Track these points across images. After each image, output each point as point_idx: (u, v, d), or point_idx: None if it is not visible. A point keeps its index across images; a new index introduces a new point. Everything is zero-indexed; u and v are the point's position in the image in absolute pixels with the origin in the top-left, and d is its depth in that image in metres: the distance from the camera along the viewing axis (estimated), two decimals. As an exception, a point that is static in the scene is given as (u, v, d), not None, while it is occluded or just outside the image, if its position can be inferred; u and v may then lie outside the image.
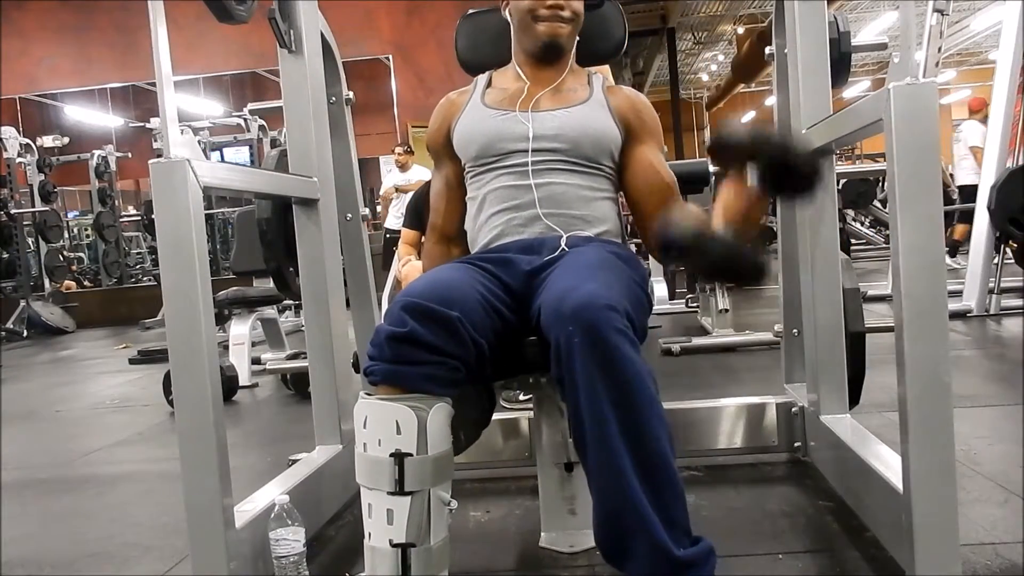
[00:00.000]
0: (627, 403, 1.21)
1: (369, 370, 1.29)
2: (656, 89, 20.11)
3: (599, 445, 1.23)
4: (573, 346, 1.22)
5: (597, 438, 1.23)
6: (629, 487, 1.21)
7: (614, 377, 1.21)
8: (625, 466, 1.21)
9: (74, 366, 5.62)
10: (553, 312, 1.26)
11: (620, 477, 1.22)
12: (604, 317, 1.21)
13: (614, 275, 1.36)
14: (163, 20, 1.35)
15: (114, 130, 10.38)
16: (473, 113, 1.63)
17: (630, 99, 1.65)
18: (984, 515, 1.67)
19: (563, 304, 1.24)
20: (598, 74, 1.70)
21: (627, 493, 1.21)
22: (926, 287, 1.25)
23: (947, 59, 17.45)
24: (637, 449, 1.22)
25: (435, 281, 1.36)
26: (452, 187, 1.69)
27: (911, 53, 1.25)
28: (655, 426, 1.23)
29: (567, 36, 1.61)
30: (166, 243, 1.39)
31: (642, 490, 1.21)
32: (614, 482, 1.22)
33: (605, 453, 1.23)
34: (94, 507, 2.31)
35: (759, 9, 14.28)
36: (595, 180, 1.58)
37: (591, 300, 1.23)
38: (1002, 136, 4.60)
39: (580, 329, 1.21)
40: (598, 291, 1.25)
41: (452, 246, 1.71)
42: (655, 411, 1.24)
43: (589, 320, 1.21)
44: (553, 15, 1.58)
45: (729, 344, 3.94)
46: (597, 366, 1.21)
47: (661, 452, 1.23)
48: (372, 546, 1.26)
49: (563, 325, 1.23)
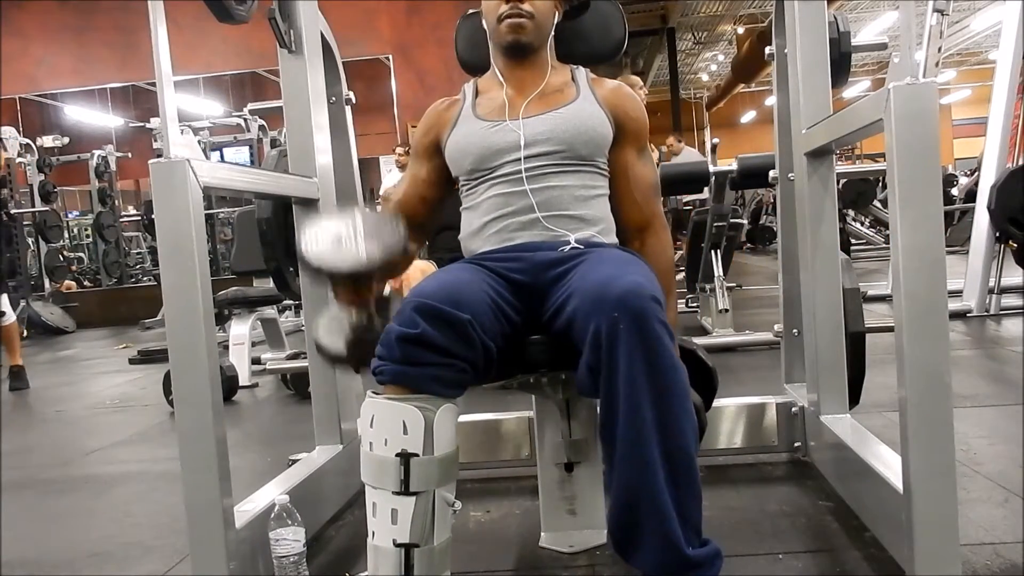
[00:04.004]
0: (664, 395, 1.23)
1: (378, 369, 1.29)
2: (656, 89, 20.11)
3: (631, 431, 1.24)
4: (618, 332, 1.22)
5: (630, 424, 1.23)
6: (654, 477, 1.22)
7: (655, 367, 1.22)
8: (653, 456, 1.22)
9: (74, 366, 5.62)
10: (595, 298, 1.26)
11: (647, 466, 1.23)
12: (650, 307, 1.23)
13: (648, 272, 1.37)
14: (163, 20, 1.35)
15: (114, 130, 10.38)
16: (465, 126, 1.61)
17: (617, 92, 1.63)
18: (984, 515, 1.67)
19: (607, 291, 1.25)
20: (580, 68, 1.69)
21: (651, 481, 1.23)
22: (926, 287, 1.25)
23: (947, 59, 17.46)
24: (666, 441, 1.23)
25: (446, 283, 1.35)
26: (418, 182, 1.68)
27: (911, 53, 1.25)
28: (684, 422, 1.25)
29: (529, 33, 1.58)
30: (166, 243, 1.39)
31: (665, 483, 1.23)
32: (639, 470, 1.23)
33: (635, 440, 1.23)
34: (94, 507, 2.31)
35: (759, 9, 14.28)
36: (590, 178, 1.57)
37: (638, 288, 1.24)
38: (1002, 136, 4.60)
39: (626, 315, 1.22)
40: (642, 282, 1.27)
41: None
42: (687, 407, 1.26)
43: (636, 307, 1.22)
44: (513, 10, 1.56)
45: (729, 344, 3.94)
46: (641, 353, 1.22)
47: (687, 449, 1.25)
48: (375, 545, 1.26)
49: (607, 311, 1.23)
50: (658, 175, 1.66)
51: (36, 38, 8.71)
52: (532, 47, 1.61)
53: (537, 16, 1.58)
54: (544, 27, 1.61)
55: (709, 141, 4.88)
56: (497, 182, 1.56)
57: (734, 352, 3.88)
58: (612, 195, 1.61)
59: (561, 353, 1.41)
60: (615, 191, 1.61)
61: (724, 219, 4.19)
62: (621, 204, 1.61)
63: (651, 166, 1.64)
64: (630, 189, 1.61)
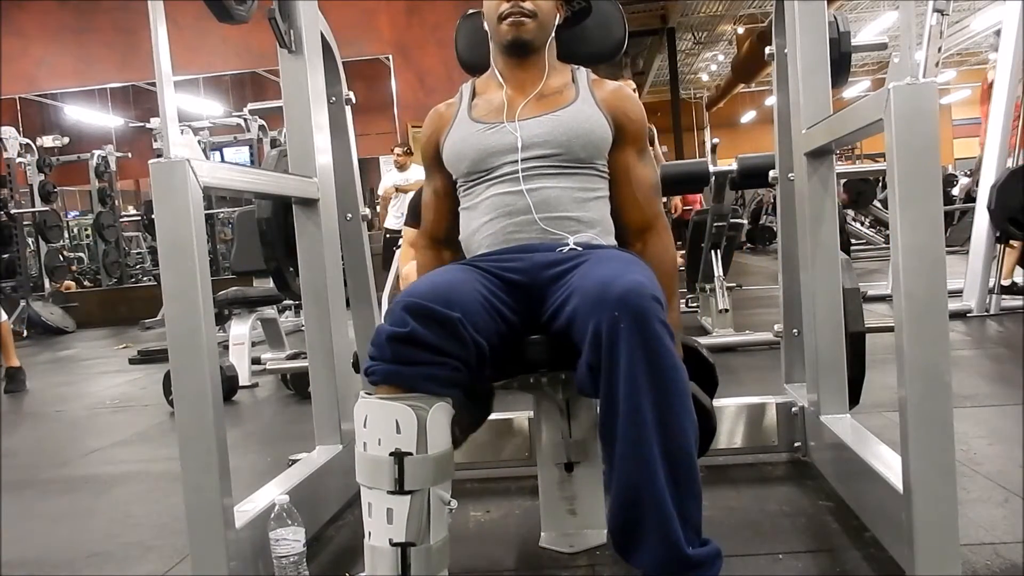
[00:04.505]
0: (664, 394, 1.23)
1: (370, 370, 1.29)
2: (656, 89, 20.13)
3: (631, 431, 1.24)
4: (619, 331, 1.22)
5: (630, 423, 1.24)
6: (654, 476, 1.23)
7: (656, 365, 1.22)
8: (653, 455, 1.23)
9: (74, 366, 5.62)
10: (596, 298, 1.26)
11: (647, 466, 1.23)
12: (650, 307, 1.23)
13: (648, 272, 1.38)
14: (163, 20, 1.35)
15: (114, 130, 10.39)
16: (461, 129, 1.61)
17: (617, 94, 1.63)
18: (984, 515, 1.67)
19: (608, 290, 1.25)
20: (581, 68, 1.69)
21: (651, 482, 1.23)
22: (926, 287, 1.25)
23: (947, 59, 17.45)
24: (666, 441, 1.23)
25: (436, 282, 1.36)
26: (441, 197, 1.69)
27: (911, 53, 1.25)
28: (685, 422, 1.25)
29: (531, 31, 1.58)
30: (166, 243, 1.39)
31: (665, 482, 1.23)
32: (639, 470, 1.24)
33: (636, 440, 1.23)
34: (94, 507, 2.31)
35: (759, 9, 14.29)
36: (588, 180, 1.57)
37: (638, 288, 1.24)
38: (1002, 136, 4.60)
39: (627, 314, 1.22)
40: (643, 281, 1.27)
41: (443, 250, 1.71)
42: (687, 407, 1.26)
43: (637, 307, 1.22)
44: (514, 8, 1.56)
45: (729, 344, 3.93)
46: (642, 352, 1.22)
47: (687, 448, 1.25)
48: (372, 545, 1.26)
49: (608, 310, 1.23)
50: (659, 176, 1.66)
51: (36, 38, 8.72)
52: (533, 46, 1.61)
53: (539, 15, 1.58)
54: (545, 27, 1.61)
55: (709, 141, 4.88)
56: (494, 183, 1.56)
57: (734, 352, 3.87)
58: (613, 197, 1.61)
59: (561, 353, 1.41)
60: (616, 193, 1.61)
61: (724, 219, 4.19)
62: (622, 206, 1.61)
63: (652, 167, 1.64)
64: (631, 190, 1.60)
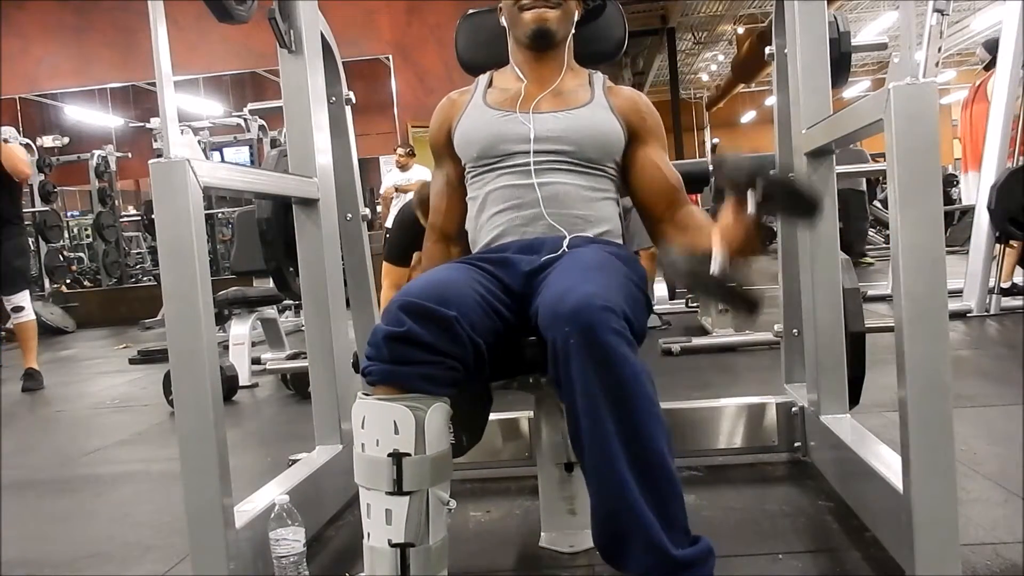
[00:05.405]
0: (623, 404, 1.21)
1: (367, 370, 1.29)
2: (656, 89, 20.11)
3: (595, 446, 1.23)
4: (569, 347, 1.21)
5: (593, 439, 1.23)
6: (625, 487, 1.21)
7: (610, 378, 1.21)
8: (621, 467, 1.21)
9: (74, 366, 5.62)
10: (550, 313, 1.26)
11: (616, 477, 1.21)
12: (601, 318, 1.21)
13: (613, 276, 1.36)
14: (163, 20, 1.35)
15: (114, 130, 10.37)
16: (474, 113, 1.63)
17: (632, 100, 1.65)
18: (984, 515, 1.67)
19: (560, 305, 1.24)
20: (598, 73, 1.70)
21: (623, 494, 1.21)
22: (926, 287, 1.24)
23: (947, 59, 17.45)
24: (633, 449, 1.22)
25: (433, 281, 1.36)
26: (453, 186, 1.69)
27: (911, 53, 1.25)
28: (652, 426, 1.23)
29: (555, 21, 1.59)
30: (166, 243, 1.39)
31: (639, 490, 1.21)
32: (610, 483, 1.22)
33: (601, 454, 1.22)
34: (94, 507, 2.31)
35: (759, 9, 14.28)
36: (598, 181, 1.58)
37: (588, 301, 1.22)
38: (1002, 136, 4.60)
39: (577, 330, 1.21)
40: (596, 292, 1.24)
41: (452, 245, 1.71)
42: (652, 411, 1.23)
43: (586, 321, 1.21)
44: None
45: (729, 344, 3.94)
46: (593, 367, 1.21)
47: (658, 452, 1.23)
48: (371, 546, 1.26)
49: (560, 326, 1.23)
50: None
51: (36, 38, 8.72)
52: (555, 38, 1.62)
53: (563, 6, 1.60)
54: (567, 19, 1.63)
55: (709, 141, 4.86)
56: (504, 172, 1.56)
57: (734, 352, 3.88)
58: (639, 193, 1.62)
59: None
60: (642, 188, 1.61)
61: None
62: (649, 196, 1.61)
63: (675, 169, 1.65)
64: (663, 177, 1.61)
